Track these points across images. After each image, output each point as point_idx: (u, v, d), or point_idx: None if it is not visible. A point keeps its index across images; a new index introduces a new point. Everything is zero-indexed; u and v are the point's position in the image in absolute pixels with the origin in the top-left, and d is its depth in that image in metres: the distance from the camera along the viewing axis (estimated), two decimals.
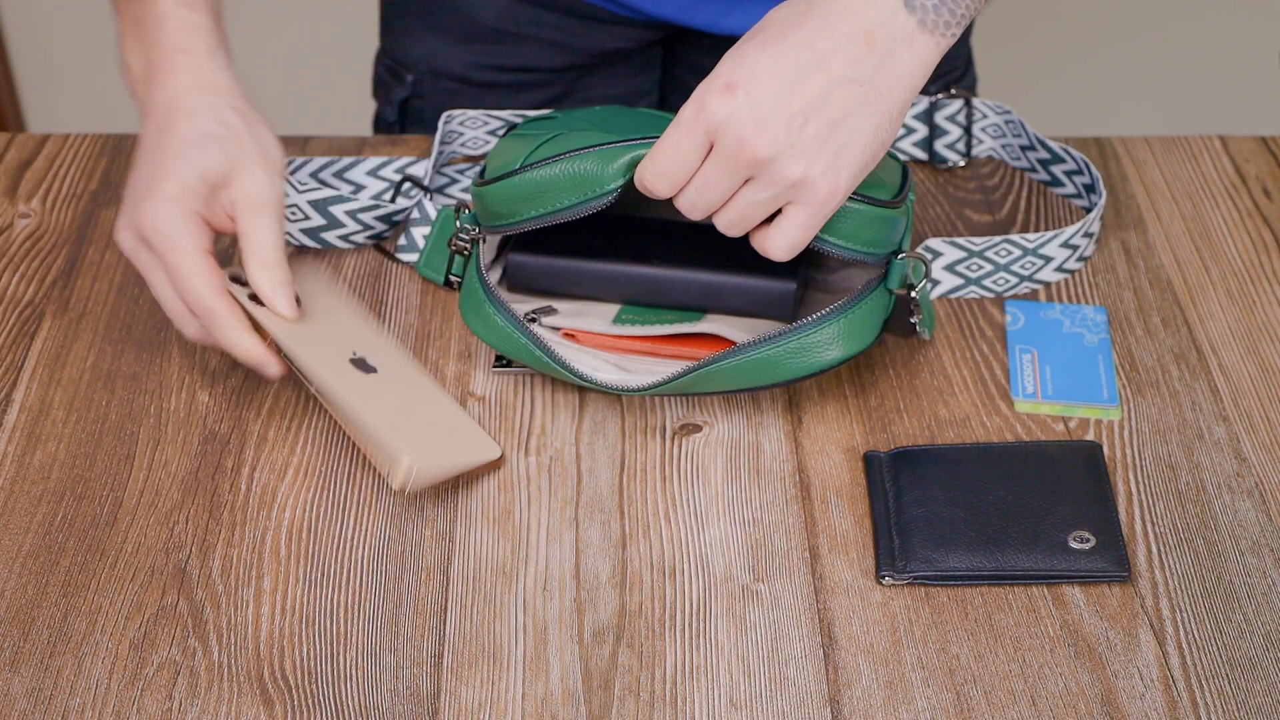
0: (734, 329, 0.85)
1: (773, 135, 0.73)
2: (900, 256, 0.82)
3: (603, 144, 0.80)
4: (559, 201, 0.81)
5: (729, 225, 0.78)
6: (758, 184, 0.75)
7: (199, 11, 0.85)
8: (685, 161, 0.76)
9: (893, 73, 0.74)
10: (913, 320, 0.84)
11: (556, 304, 0.88)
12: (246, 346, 0.81)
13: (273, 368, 0.82)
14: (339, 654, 0.74)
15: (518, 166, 0.82)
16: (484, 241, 0.86)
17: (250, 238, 0.82)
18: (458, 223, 0.86)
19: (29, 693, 0.72)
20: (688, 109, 0.75)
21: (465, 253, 0.86)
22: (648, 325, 0.86)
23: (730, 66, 0.75)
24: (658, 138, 0.78)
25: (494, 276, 0.88)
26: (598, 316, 0.87)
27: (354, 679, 0.73)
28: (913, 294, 0.83)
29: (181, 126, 0.82)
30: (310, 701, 0.72)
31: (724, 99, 0.74)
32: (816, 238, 0.79)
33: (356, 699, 0.72)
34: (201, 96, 0.83)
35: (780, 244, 0.77)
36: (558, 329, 0.87)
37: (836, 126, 0.74)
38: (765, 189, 0.75)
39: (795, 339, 0.80)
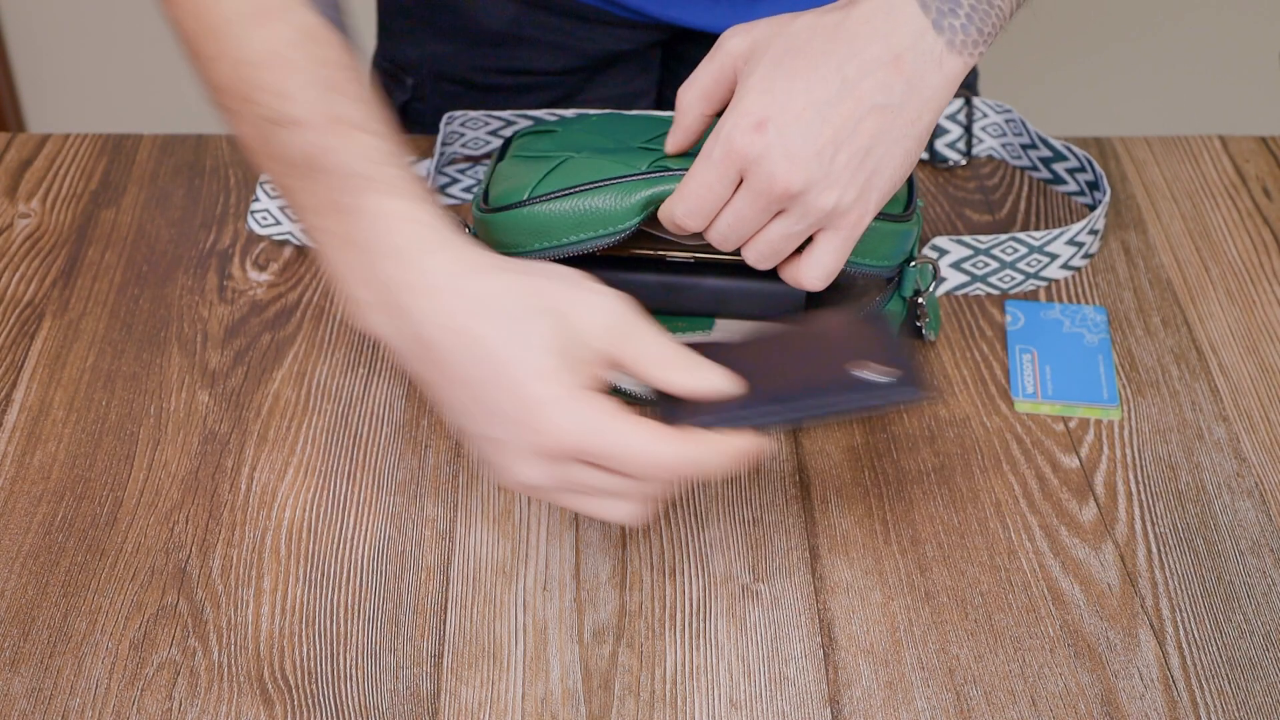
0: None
1: (804, 169, 0.72)
2: (913, 265, 0.82)
3: (614, 179, 0.79)
4: (567, 237, 0.79)
5: (759, 258, 0.77)
6: (789, 216, 0.74)
7: (421, 200, 0.70)
8: (715, 198, 0.74)
9: (921, 95, 0.73)
10: (919, 324, 0.84)
11: None
12: (742, 451, 0.68)
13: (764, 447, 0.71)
14: (339, 654, 0.74)
15: (525, 198, 0.80)
16: None
17: (639, 358, 0.68)
18: None
19: (29, 693, 0.72)
20: (717, 148, 0.73)
21: None
22: None
23: (759, 101, 0.72)
24: (666, 171, 0.77)
25: None
26: None
27: (354, 679, 0.73)
28: (920, 299, 0.83)
29: (475, 326, 0.67)
30: (310, 701, 0.72)
31: (754, 137, 0.72)
32: None
33: (356, 699, 0.72)
34: (467, 284, 0.68)
35: (815, 273, 0.76)
36: None
37: (867, 154, 0.73)
38: (797, 221, 0.74)
39: None
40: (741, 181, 0.74)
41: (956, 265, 0.92)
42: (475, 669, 0.73)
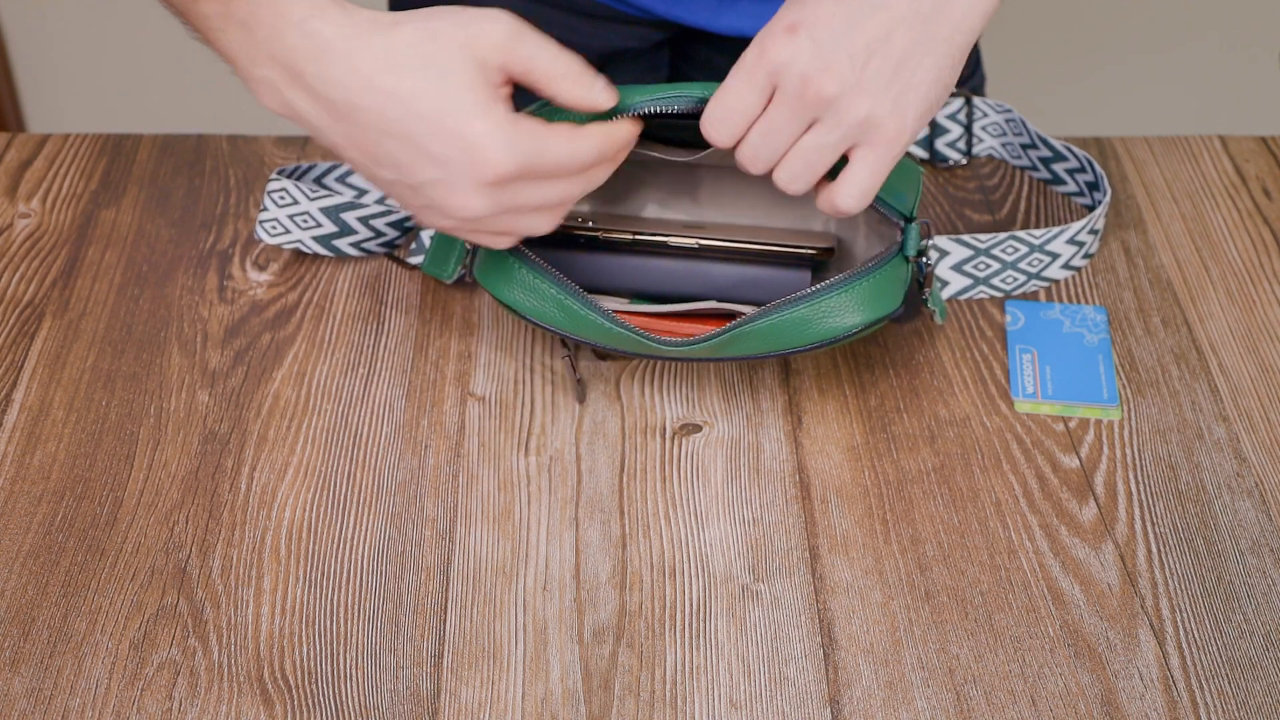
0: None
1: (838, 72, 0.72)
2: (914, 222, 0.81)
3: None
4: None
5: (792, 177, 0.76)
6: (823, 126, 0.74)
7: None
8: (747, 108, 0.74)
9: (950, 15, 0.74)
10: (924, 295, 0.83)
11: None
12: (626, 137, 0.77)
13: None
14: (339, 654, 0.74)
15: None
16: None
17: (534, 71, 0.74)
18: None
19: (29, 693, 0.72)
20: (749, 54, 0.74)
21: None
22: (663, 305, 0.86)
23: (791, 8, 0.74)
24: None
25: None
26: (612, 301, 0.87)
27: (354, 679, 0.73)
28: (923, 259, 0.82)
29: (392, 83, 0.71)
30: (310, 701, 0.72)
31: (786, 40, 0.73)
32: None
33: (356, 699, 0.72)
34: (372, 46, 0.72)
35: (850, 191, 0.76)
36: None
37: (900, 65, 0.73)
38: (831, 130, 0.74)
39: (823, 299, 0.79)
40: (774, 95, 0.74)
41: (958, 268, 0.92)
42: (475, 669, 0.73)
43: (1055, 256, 0.93)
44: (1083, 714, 0.71)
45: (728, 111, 0.75)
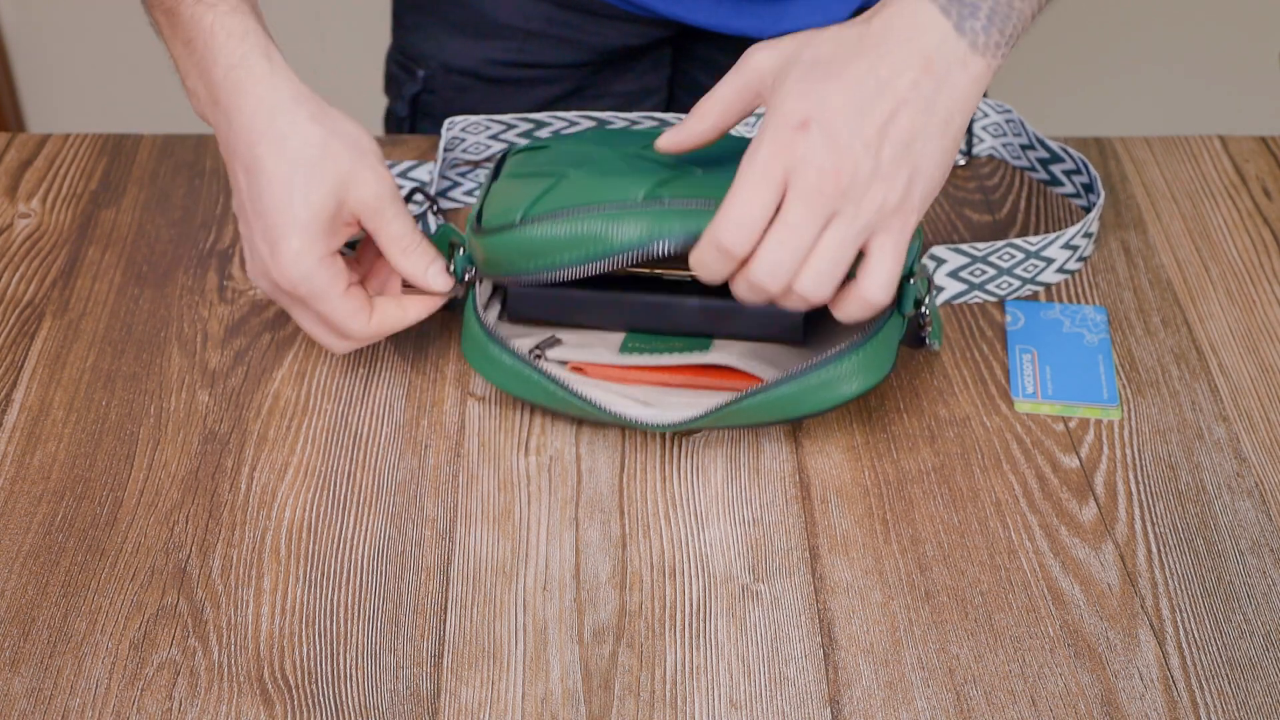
0: (742, 358, 0.84)
1: (854, 162, 0.72)
2: (911, 280, 0.81)
3: (607, 204, 0.78)
4: (561, 256, 0.79)
5: (818, 281, 0.74)
6: (842, 219, 0.73)
7: (244, 15, 0.81)
8: (761, 213, 0.73)
9: (951, 95, 0.74)
10: (924, 334, 0.83)
11: (561, 334, 0.87)
12: (411, 320, 0.84)
13: (438, 288, 0.84)
14: (339, 654, 0.74)
15: (517, 219, 0.80)
16: (480, 282, 0.85)
17: (381, 235, 0.81)
18: (450, 266, 0.84)
19: (29, 693, 0.72)
20: (761, 152, 0.73)
21: (460, 296, 0.85)
22: (655, 355, 0.85)
23: (799, 104, 0.73)
24: (660, 200, 0.76)
25: (494, 311, 0.86)
26: (603, 348, 0.86)
27: (354, 679, 0.73)
28: (923, 310, 0.82)
29: (269, 164, 0.79)
30: (310, 701, 0.72)
31: (800, 137, 0.72)
32: None
33: (356, 699, 0.72)
34: (275, 119, 0.79)
35: (879, 282, 0.75)
36: (565, 362, 0.85)
37: (909, 148, 0.73)
38: (851, 222, 0.73)
39: (817, 374, 0.79)
40: (785, 198, 0.73)
41: (954, 274, 0.92)
42: (475, 669, 0.73)
43: (1050, 261, 0.93)
44: (1083, 714, 0.71)
45: (744, 215, 0.73)
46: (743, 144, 0.79)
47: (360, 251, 0.87)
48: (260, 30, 0.82)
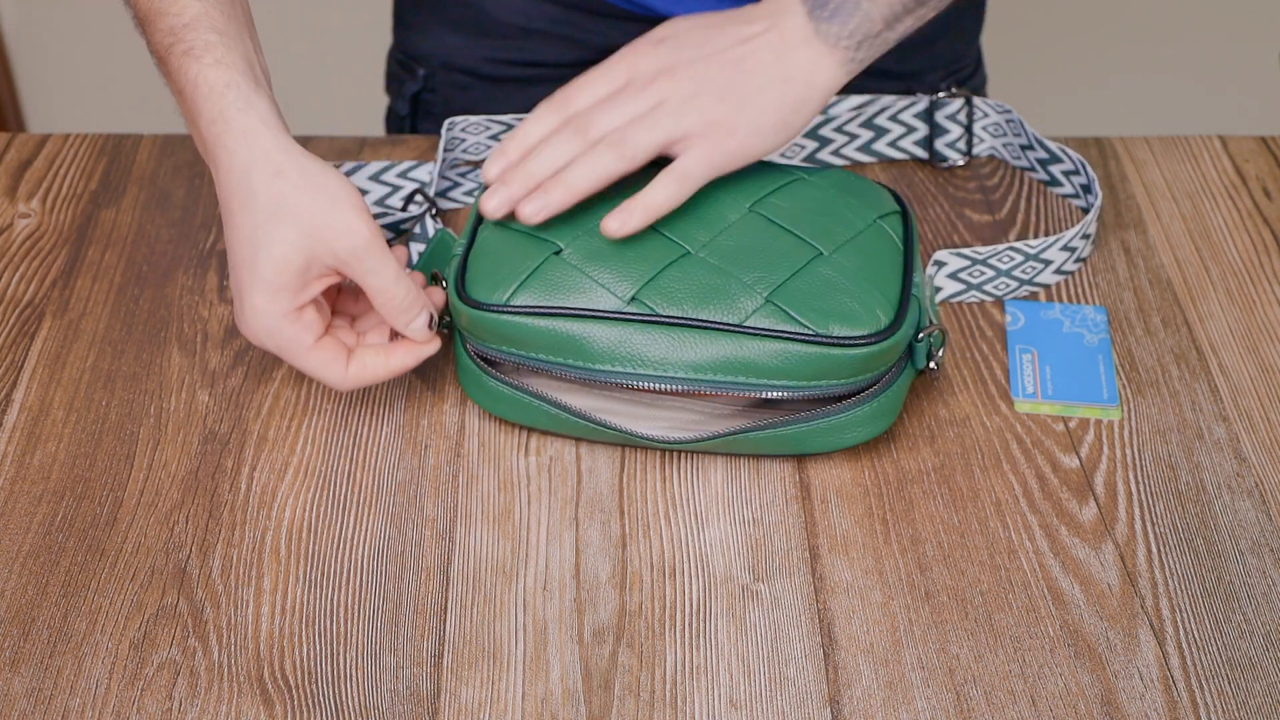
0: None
1: (688, 63, 0.85)
2: (920, 338, 0.82)
3: (595, 311, 0.79)
4: (541, 357, 0.80)
5: (634, 137, 0.83)
6: (666, 106, 0.84)
7: (227, 67, 0.81)
8: (606, 90, 0.85)
9: (795, 63, 0.84)
10: (932, 366, 0.84)
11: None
12: (395, 370, 0.82)
13: (427, 347, 0.83)
14: (339, 654, 0.74)
15: (502, 303, 0.80)
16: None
17: (363, 286, 0.80)
18: (431, 321, 0.83)
19: (29, 693, 0.72)
20: (618, 54, 0.87)
21: (448, 329, 0.85)
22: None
23: (659, 31, 0.87)
24: (654, 316, 0.79)
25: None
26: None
27: (354, 679, 0.73)
28: (932, 365, 0.83)
29: (239, 219, 0.79)
30: (310, 701, 0.72)
31: (652, 45, 0.86)
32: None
33: (356, 699, 0.72)
34: (248, 175, 0.79)
35: (659, 186, 0.83)
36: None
37: (741, 73, 0.84)
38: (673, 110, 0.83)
39: (830, 419, 0.80)
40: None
41: (954, 275, 0.92)
42: (475, 669, 0.73)
43: (1048, 263, 0.93)
44: (1083, 714, 0.71)
45: (589, 92, 0.87)
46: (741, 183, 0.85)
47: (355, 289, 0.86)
48: (244, 81, 0.81)
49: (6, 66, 2.22)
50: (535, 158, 0.84)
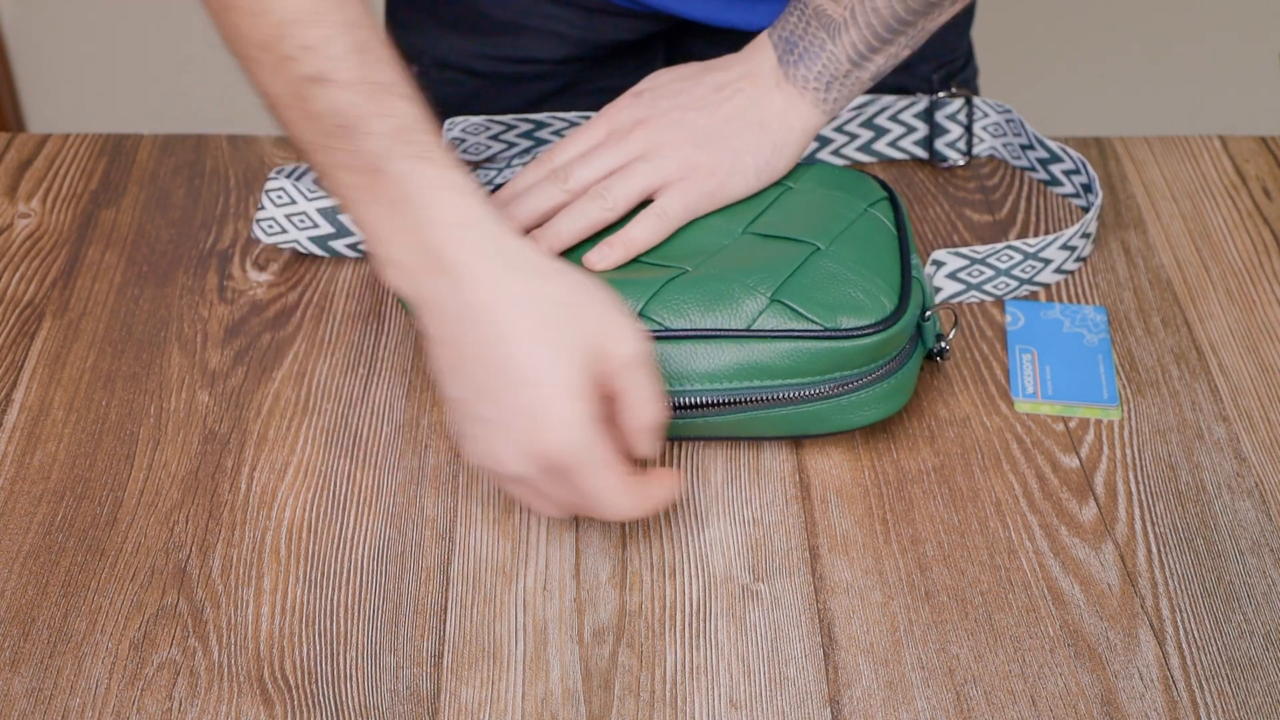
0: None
1: (664, 115, 0.88)
2: (928, 316, 0.83)
3: None
4: None
5: (616, 192, 0.85)
6: (645, 160, 0.86)
7: (461, 168, 0.73)
8: (588, 144, 0.89)
9: (769, 107, 0.88)
10: (944, 349, 0.85)
11: None
12: (663, 500, 0.75)
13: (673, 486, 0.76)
14: (339, 654, 0.74)
15: None
16: None
17: (631, 394, 0.73)
18: None
19: (29, 693, 0.72)
20: (604, 110, 0.91)
21: None
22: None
23: (641, 84, 0.92)
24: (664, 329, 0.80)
25: None
26: None
27: (354, 679, 0.73)
28: (943, 344, 0.84)
29: (522, 328, 0.71)
30: (310, 701, 0.72)
31: (632, 98, 0.90)
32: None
33: (356, 699, 0.72)
34: (520, 278, 0.72)
35: (642, 221, 0.85)
36: None
37: (726, 120, 0.87)
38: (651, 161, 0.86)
39: (845, 397, 0.80)
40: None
41: (953, 275, 0.92)
42: (475, 669, 0.73)
43: (1048, 262, 0.93)
44: (1083, 714, 0.71)
45: (574, 148, 0.90)
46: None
47: None
48: (475, 184, 0.74)
49: (6, 66, 2.22)
50: (519, 205, 0.86)
